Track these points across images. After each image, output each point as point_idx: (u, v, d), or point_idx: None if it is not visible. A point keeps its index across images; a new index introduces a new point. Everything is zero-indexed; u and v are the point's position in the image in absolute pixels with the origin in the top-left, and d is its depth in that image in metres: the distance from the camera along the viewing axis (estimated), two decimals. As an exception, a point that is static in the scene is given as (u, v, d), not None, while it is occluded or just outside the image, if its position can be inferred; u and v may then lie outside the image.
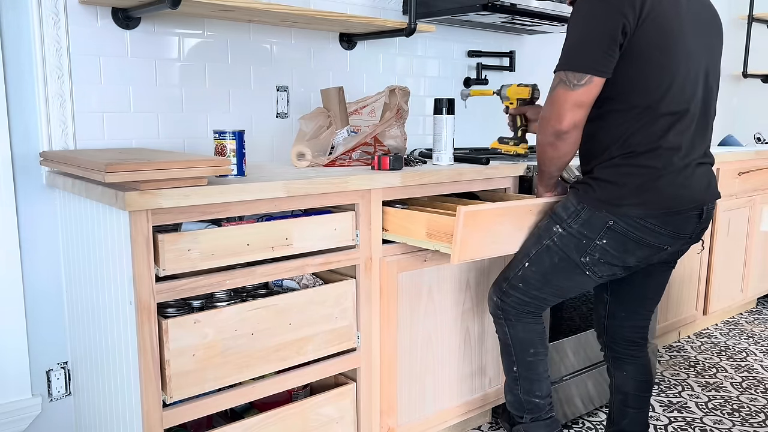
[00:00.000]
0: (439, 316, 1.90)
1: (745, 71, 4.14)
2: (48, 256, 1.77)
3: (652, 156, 1.51)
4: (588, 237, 1.55)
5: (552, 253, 1.60)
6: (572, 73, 1.48)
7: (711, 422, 2.29)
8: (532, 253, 1.63)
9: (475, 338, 2.01)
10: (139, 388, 1.37)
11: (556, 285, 1.64)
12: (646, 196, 1.51)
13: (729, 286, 3.23)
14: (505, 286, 1.68)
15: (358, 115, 2.04)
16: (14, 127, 1.69)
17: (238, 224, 1.51)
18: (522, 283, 1.65)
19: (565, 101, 1.49)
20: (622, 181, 1.53)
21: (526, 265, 1.63)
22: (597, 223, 1.54)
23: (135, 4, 1.71)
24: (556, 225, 1.59)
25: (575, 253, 1.57)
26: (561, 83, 1.49)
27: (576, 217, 1.56)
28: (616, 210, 1.52)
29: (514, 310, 1.68)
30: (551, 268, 1.61)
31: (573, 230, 1.57)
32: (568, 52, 1.51)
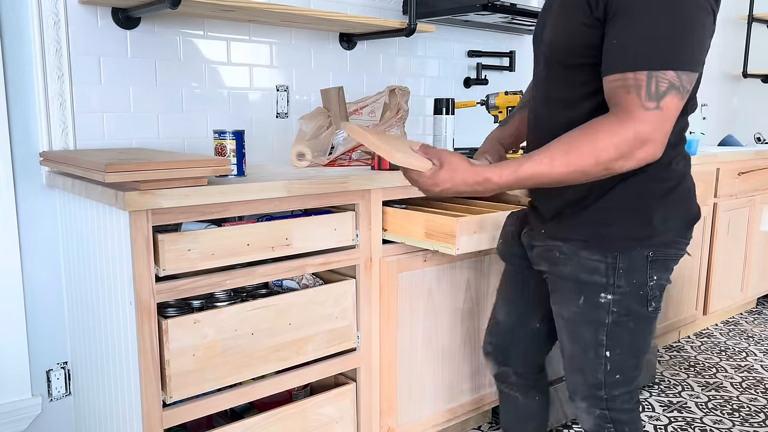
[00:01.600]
0: (438, 316, 1.90)
1: (745, 71, 4.14)
2: (48, 256, 1.77)
3: (671, 167, 1.23)
4: (640, 284, 1.23)
5: (623, 324, 1.26)
6: (686, 74, 1.05)
7: (711, 422, 2.28)
8: (604, 340, 1.26)
9: (475, 338, 2.01)
10: (139, 388, 1.37)
11: (644, 348, 1.31)
12: (675, 213, 1.25)
13: (729, 286, 3.23)
14: (604, 391, 1.30)
15: (358, 115, 2.04)
16: (14, 127, 1.69)
17: (238, 224, 1.51)
18: (619, 374, 1.29)
19: (676, 113, 1.06)
20: (643, 203, 1.21)
21: (608, 355, 1.27)
22: (640, 265, 1.23)
23: (135, 4, 1.71)
24: (602, 294, 1.24)
25: (642, 308, 1.25)
26: (672, 89, 1.04)
27: (615, 272, 1.22)
28: (649, 242, 1.22)
29: (626, 412, 1.32)
30: (632, 336, 1.28)
31: (623, 289, 1.23)
32: (676, 40, 1.04)
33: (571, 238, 1.25)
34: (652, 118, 1.04)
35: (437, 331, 1.91)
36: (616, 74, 1.07)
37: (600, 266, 1.22)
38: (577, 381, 1.33)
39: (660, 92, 1.03)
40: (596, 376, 1.30)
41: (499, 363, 1.52)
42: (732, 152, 3.12)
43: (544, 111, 1.28)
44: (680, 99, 1.05)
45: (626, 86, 1.05)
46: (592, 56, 1.13)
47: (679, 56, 1.04)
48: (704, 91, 4.00)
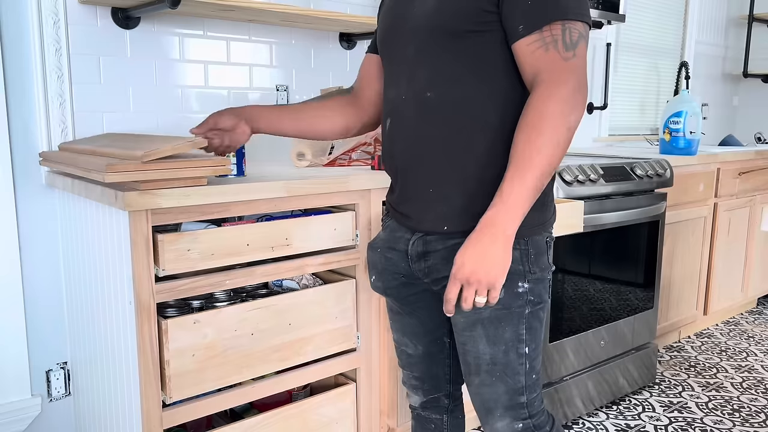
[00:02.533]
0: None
1: (745, 71, 4.14)
2: (48, 256, 1.77)
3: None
4: (545, 269, 1.19)
5: (536, 314, 1.19)
6: (586, 26, 1.09)
7: (711, 422, 2.28)
8: (523, 335, 1.17)
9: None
10: (138, 388, 1.37)
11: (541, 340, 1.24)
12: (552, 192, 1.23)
13: (729, 286, 3.23)
14: (525, 397, 1.20)
15: (358, 115, 2.04)
16: (14, 127, 1.69)
17: (237, 224, 1.50)
18: (534, 373, 1.21)
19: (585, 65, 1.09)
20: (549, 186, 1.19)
21: (527, 352, 1.18)
22: (543, 249, 1.18)
23: (135, 4, 1.71)
24: (519, 283, 1.15)
25: (546, 295, 1.20)
26: (582, 38, 1.07)
27: (528, 257, 1.16)
28: (547, 224, 1.20)
29: (545, 414, 1.25)
30: (542, 328, 1.21)
31: (536, 275, 1.17)
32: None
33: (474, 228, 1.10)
34: (571, 67, 1.05)
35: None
36: (533, 35, 1.06)
37: (515, 253, 1.13)
38: (498, 392, 1.20)
39: (574, 41, 1.06)
40: (518, 380, 1.19)
41: (428, 392, 1.39)
42: (732, 152, 3.12)
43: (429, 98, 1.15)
44: (586, 47, 1.08)
45: (545, 44, 1.06)
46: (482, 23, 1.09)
47: (580, 7, 1.07)
48: (704, 91, 4.01)
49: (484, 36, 1.10)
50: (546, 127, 1.04)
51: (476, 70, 1.11)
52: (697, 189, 2.88)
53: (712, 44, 4.03)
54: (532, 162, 1.04)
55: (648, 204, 2.36)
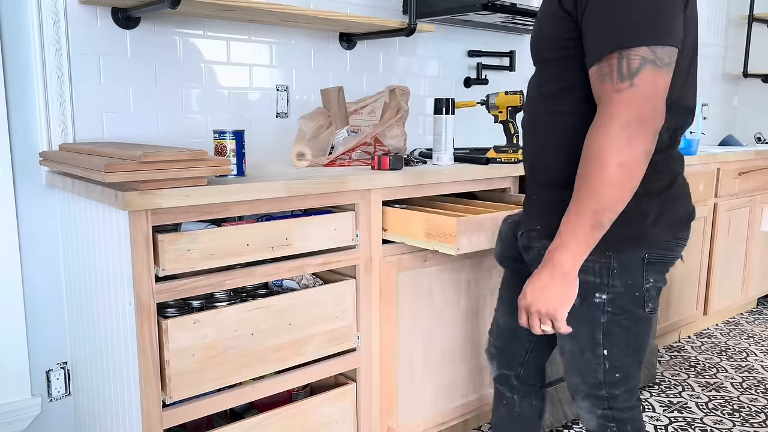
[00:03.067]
0: (439, 315, 1.90)
1: (745, 71, 4.14)
2: (48, 256, 1.77)
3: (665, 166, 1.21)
4: (636, 285, 1.22)
5: (618, 323, 1.25)
6: (662, 47, 1.03)
7: (711, 422, 2.28)
8: (600, 339, 1.25)
9: (476, 338, 2.01)
10: (138, 388, 1.37)
11: (641, 347, 1.30)
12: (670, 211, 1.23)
13: (729, 286, 3.23)
14: (605, 391, 1.29)
15: (358, 115, 2.04)
16: (14, 127, 1.69)
17: (237, 224, 1.50)
18: (618, 373, 1.28)
19: (659, 87, 1.04)
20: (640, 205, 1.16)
21: (605, 354, 1.26)
22: (635, 266, 1.21)
23: (135, 4, 1.71)
24: (596, 294, 1.21)
25: (637, 309, 1.24)
26: (648, 64, 1.02)
27: (609, 272, 1.20)
28: (643, 241, 1.20)
29: (628, 412, 1.32)
30: (629, 335, 1.26)
31: (618, 289, 1.21)
32: (644, 16, 1.03)
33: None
34: (625, 98, 1.03)
35: (438, 331, 1.91)
36: (594, 67, 1.08)
37: (594, 266, 1.19)
38: (576, 382, 1.33)
39: (633, 69, 1.03)
40: (596, 376, 1.29)
41: (501, 366, 1.51)
42: (732, 152, 3.12)
43: (528, 106, 1.30)
44: (659, 72, 1.03)
45: (602, 76, 1.06)
46: (562, 49, 1.14)
47: (648, 30, 1.03)
48: (704, 91, 4.01)
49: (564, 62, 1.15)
50: (593, 164, 1.06)
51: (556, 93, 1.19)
52: (697, 189, 2.88)
53: (712, 44, 4.03)
54: (584, 199, 1.08)
55: (648, 204, 2.36)
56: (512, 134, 2.05)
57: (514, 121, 2.05)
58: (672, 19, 1.05)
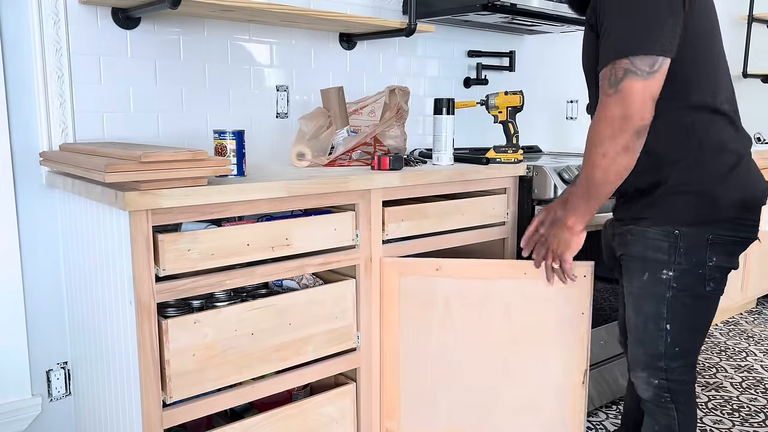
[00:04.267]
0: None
1: (745, 71, 4.14)
2: (48, 256, 1.77)
3: (729, 149, 1.37)
4: (700, 263, 1.37)
5: (682, 300, 1.39)
6: (641, 58, 1.22)
7: (711, 422, 2.28)
8: (665, 313, 1.40)
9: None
10: (139, 388, 1.37)
11: (704, 324, 1.45)
12: (734, 192, 1.36)
13: (729, 285, 3.21)
14: (663, 362, 1.43)
15: (358, 115, 2.04)
16: (14, 127, 1.69)
17: (238, 224, 1.51)
18: (678, 347, 1.42)
19: (640, 93, 1.23)
20: (702, 187, 1.35)
21: (668, 327, 1.41)
22: (699, 245, 1.36)
23: (135, 4, 1.71)
24: (662, 270, 1.39)
25: (700, 287, 1.39)
26: (629, 73, 1.23)
27: (676, 251, 1.37)
28: (709, 219, 1.36)
29: (683, 385, 1.45)
30: (691, 313, 1.41)
31: (683, 266, 1.37)
32: (628, 33, 1.24)
33: (640, 218, 1.42)
34: (611, 101, 1.25)
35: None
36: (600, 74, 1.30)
37: (663, 245, 1.38)
38: (638, 352, 1.46)
39: (617, 78, 1.24)
40: (657, 348, 1.43)
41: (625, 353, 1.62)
42: (732, 152, 3.12)
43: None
44: (640, 80, 1.23)
45: (600, 80, 1.29)
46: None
47: (629, 45, 1.24)
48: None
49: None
50: (586, 151, 1.33)
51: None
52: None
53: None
54: (582, 176, 1.36)
55: (648, 204, 2.36)
56: (512, 134, 2.06)
57: (513, 121, 2.05)
58: (652, 30, 1.24)
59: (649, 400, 1.48)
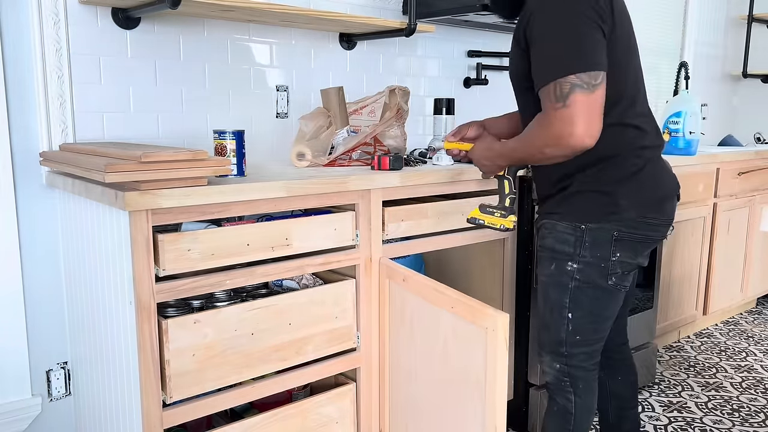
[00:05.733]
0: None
1: (745, 71, 4.14)
2: (48, 256, 1.77)
3: (634, 155, 1.46)
4: (603, 258, 1.46)
5: (584, 291, 1.48)
6: (587, 73, 1.29)
7: (711, 422, 2.29)
8: (566, 302, 1.50)
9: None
10: (139, 388, 1.37)
11: (604, 316, 1.53)
12: (638, 193, 1.46)
13: (729, 286, 3.23)
14: (565, 348, 1.53)
15: (358, 115, 2.04)
16: (14, 127, 1.69)
17: (238, 224, 1.51)
18: (578, 335, 1.52)
19: (591, 107, 1.29)
20: (608, 187, 1.45)
21: (570, 316, 1.50)
22: (604, 241, 1.45)
23: (135, 4, 1.71)
24: (568, 262, 1.48)
25: (601, 280, 1.48)
26: (576, 87, 1.28)
27: (581, 244, 1.46)
28: (615, 217, 1.44)
29: (583, 371, 1.55)
30: (593, 304, 1.50)
31: (587, 259, 1.46)
32: (569, 52, 1.31)
33: (552, 213, 1.51)
34: (561, 115, 1.30)
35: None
36: (539, 89, 1.35)
37: (570, 238, 1.47)
38: (544, 337, 1.57)
39: (564, 93, 1.29)
40: (559, 334, 1.53)
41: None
42: (732, 152, 3.12)
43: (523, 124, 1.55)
44: (588, 93, 1.29)
45: (543, 95, 1.34)
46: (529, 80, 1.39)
47: (573, 62, 1.30)
48: (704, 91, 4.01)
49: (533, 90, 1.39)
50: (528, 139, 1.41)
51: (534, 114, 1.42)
52: (696, 189, 2.88)
53: (712, 44, 4.03)
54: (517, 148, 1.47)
55: (648, 204, 2.36)
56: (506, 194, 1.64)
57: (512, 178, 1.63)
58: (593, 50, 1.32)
59: (550, 382, 1.58)
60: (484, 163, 1.61)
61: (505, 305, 2.07)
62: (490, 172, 1.64)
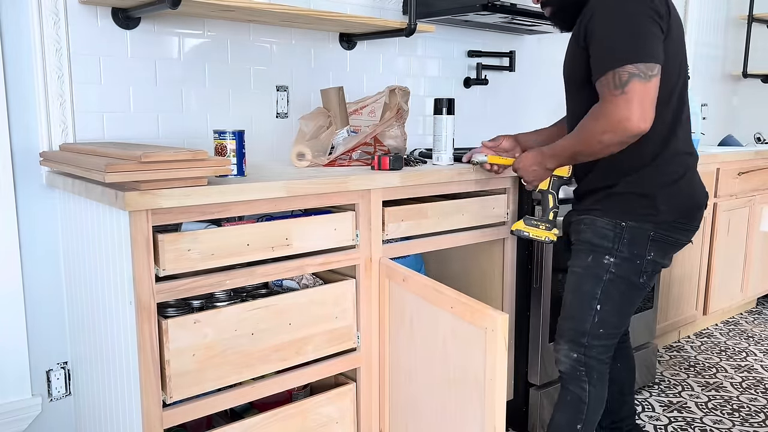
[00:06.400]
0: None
1: (745, 71, 4.14)
2: (48, 256, 1.77)
3: (676, 163, 1.55)
4: (639, 255, 1.54)
5: (617, 285, 1.56)
6: (644, 64, 1.37)
7: (711, 422, 2.29)
8: (598, 293, 1.56)
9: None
10: (139, 388, 1.37)
11: (627, 313, 1.63)
12: (676, 199, 1.54)
13: (729, 285, 3.23)
14: (586, 339, 1.59)
15: (358, 115, 2.04)
16: (14, 127, 1.69)
17: (238, 224, 1.51)
18: (602, 328, 1.58)
19: (646, 95, 1.37)
20: (651, 190, 1.53)
21: (599, 308, 1.57)
22: (641, 239, 1.54)
23: (135, 4, 1.71)
24: (605, 256, 1.56)
25: (635, 276, 1.56)
26: (634, 76, 1.37)
27: (620, 240, 1.54)
28: (653, 219, 1.53)
29: (599, 363, 1.61)
30: (622, 299, 1.57)
31: (624, 255, 1.54)
32: (628, 44, 1.39)
33: (593, 209, 1.59)
34: (619, 101, 1.38)
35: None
36: (597, 80, 1.44)
37: (609, 233, 1.55)
38: (566, 326, 1.62)
39: (623, 81, 1.38)
40: (584, 325, 1.58)
41: None
42: (732, 152, 3.12)
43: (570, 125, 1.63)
44: (645, 82, 1.37)
45: (602, 85, 1.42)
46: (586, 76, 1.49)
47: (632, 53, 1.38)
48: (704, 91, 4.01)
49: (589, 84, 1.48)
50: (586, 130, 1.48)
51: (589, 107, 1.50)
52: (696, 189, 2.88)
53: (712, 44, 4.03)
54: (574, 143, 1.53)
55: (648, 204, 2.36)
56: (550, 209, 1.75)
57: (556, 193, 1.74)
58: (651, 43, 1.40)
59: (565, 372, 1.63)
60: (533, 168, 1.66)
61: (505, 305, 2.07)
62: (538, 179, 1.69)
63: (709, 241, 3.04)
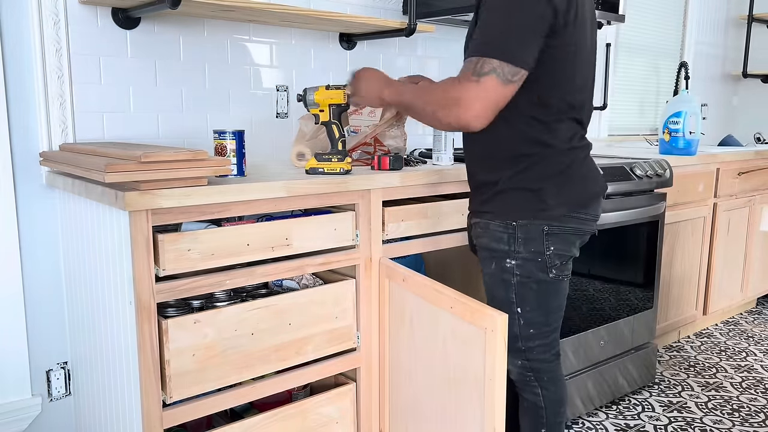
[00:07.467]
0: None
1: (745, 71, 4.14)
2: (48, 256, 1.77)
3: (563, 154, 1.47)
4: (538, 252, 1.47)
5: (527, 286, 1.50)
6: (510, 66, 1.31)
7: (711, 422, 2.29)
8: (513, 297, 1.51)
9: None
10: (139, 388, 1.38)
11: (554, 306, 1.55)
12: (566, 190, 1.47)
13: (729, 285, 3.23)
14: (521, 343, 1.53)
15: (358, 115, 2.04)
16: (14, 127, 1.69)
17: (238, 224, 1.51)
18: (532, 328, 1.53)
19: (496, 98, 1.32)
20: (536, 185, 1.46)
21: (519, 311, 1.51)
22: (536, 236, 1.46)
23: (135, 4, 1.71)
24: (506, 260, 1.49)
25: (542, 273, 1.49)
26: (494, 72, 1.31)
27: (515, 241, 1.47)
28: (543, 214, 1.46)
29: (543, 363, 1.56)
30: (538, 297, 1.51)
31: (523, 255, 1.47)
32: (501, 38, 1.32)
33: (484, 212, 1.53)
34: (470, 86, 1.32)
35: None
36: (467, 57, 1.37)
37: (503, 236, 1.48)
38: None
39: (482, 71, 1.31)
40: (513, 330, 1.51)
41: None
42: (732, 152, 3.12)
43: None
44: (501, 82, 1.31)
45: (465, 63, 1.36)
46: None
47: (506, 52, 1.31)
48: (704, 91, 4.01)
49: None
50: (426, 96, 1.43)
51: None
52: (696, 189, 2.88)
53: (712, 44, 4.03)
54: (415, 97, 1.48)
55: (647, 204, 2.36)
56: (337, 138, 1.69)
57: (339, 122, 1.70)
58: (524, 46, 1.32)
59: (516, 380, 1.59)
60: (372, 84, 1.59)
61: (505, 305, 2.06)
62: (367, 98, 1.62)
63: (709, 241, 3.04)
